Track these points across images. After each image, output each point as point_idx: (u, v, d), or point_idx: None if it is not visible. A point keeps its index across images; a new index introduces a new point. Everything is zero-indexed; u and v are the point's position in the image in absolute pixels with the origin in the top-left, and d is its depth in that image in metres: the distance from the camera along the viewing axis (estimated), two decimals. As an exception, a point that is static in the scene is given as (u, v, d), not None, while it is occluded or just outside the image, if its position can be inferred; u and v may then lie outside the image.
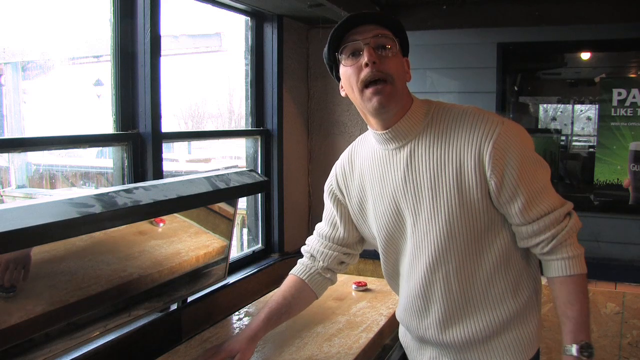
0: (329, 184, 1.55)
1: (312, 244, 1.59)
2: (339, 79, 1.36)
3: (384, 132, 1.32)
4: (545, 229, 1.28)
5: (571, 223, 1.29)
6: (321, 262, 1.56)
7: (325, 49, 1.32)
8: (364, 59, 1.23)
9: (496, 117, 1.28)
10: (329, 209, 1.57)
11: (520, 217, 1.27)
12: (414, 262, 1.37)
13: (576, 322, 1.28)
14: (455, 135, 1.27)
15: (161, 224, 1.83)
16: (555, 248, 1.28)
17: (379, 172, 1.38)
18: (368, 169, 1.42)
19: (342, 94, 1.37)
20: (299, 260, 1.60)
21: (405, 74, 1.31)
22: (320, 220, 1.62)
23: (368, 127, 1.40)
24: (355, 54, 1.26)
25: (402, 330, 1.60)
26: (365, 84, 1.25)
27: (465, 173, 1.26)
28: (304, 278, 1.56)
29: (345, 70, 1.29)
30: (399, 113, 1.30)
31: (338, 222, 1.54)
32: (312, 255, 1.58)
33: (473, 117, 1.27)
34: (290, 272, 1.59)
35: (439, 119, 1.31)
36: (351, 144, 1.53)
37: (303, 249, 1.61)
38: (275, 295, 1.55)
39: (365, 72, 1.24)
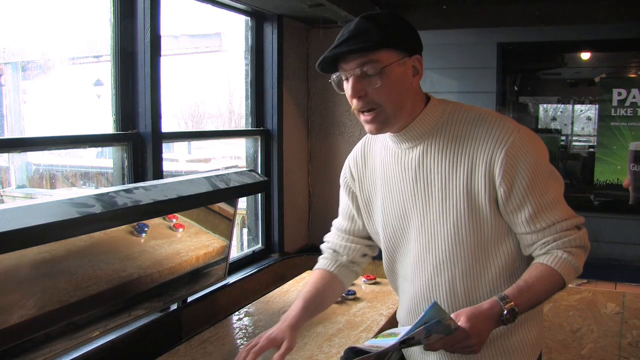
0: (343, 177, 1.55)
1: (333, 240, 1.58)
2: None
3: (395, 134, 1.33)
4: (548, 235, 1.26)
5: (577, 234, 1.27)
6: (345, 256, 1.55)
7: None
8: (350, 92, 1.25)
9: (513, 123, 1.27)
10: (345, 203, 1.56)
11: (525, 226, 1.26)
12: (419, 263, 1.36)
13: (528, 289, 1.22)
14: (469, 139, 1.27)
15: (174, 220, 1.87)
16: (552, 249, 1.26)
17: (391, 168, 1.38)
18: (380, 164, 1.42)
19: None
20: (320, 257, 1.59)
21: (402, 86, 1.26)
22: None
23: None
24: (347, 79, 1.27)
25: (402, 333, 1.60)
26: (358, 111, 1.28)
27: (475, 178, 1.25)
28: (331, 270, 1.53)
29: (345, 90, 1.30)
30: (408, 119, 1.30)
31: (355, 215, 1.54)
32: (334, 251, 1.56)
33: (489, 122, 1.26)
34: (315, 267, 1.57)
35: (455, 121, 1.30)
36: (364, 137, 1.52)
37: (323, 246, 1.60)
38: (306, 287, 1.52)
39: (354, 102, 1.26)
